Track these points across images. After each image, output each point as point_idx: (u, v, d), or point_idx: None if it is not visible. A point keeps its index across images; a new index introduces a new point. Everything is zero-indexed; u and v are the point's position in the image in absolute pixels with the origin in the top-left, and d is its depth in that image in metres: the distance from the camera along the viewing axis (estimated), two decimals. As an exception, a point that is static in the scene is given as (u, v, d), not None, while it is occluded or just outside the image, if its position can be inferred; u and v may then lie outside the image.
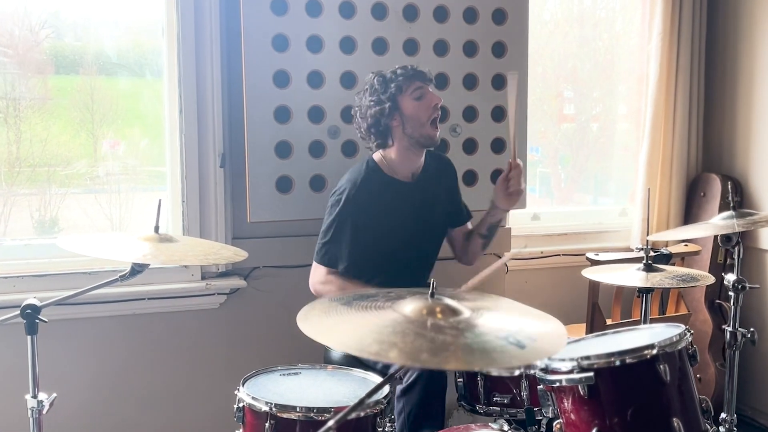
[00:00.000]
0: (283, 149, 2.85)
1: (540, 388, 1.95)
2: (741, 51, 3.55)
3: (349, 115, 2.93)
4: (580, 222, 3.72)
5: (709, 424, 1.90)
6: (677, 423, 1.80)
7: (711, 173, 3.62)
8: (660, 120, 3.54)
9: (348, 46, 2.89)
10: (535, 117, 3.71)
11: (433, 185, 2.63)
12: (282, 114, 2.83)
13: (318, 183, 2.90)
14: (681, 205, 3.63)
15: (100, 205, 2.98)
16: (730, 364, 2.37)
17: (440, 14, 3.01)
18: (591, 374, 1.81)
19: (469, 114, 3.09)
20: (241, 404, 2.00)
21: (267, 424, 1.90)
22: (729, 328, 2.37)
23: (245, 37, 2.76)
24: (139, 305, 2.83)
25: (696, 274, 2.44)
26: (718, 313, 3.54)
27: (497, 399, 2.16)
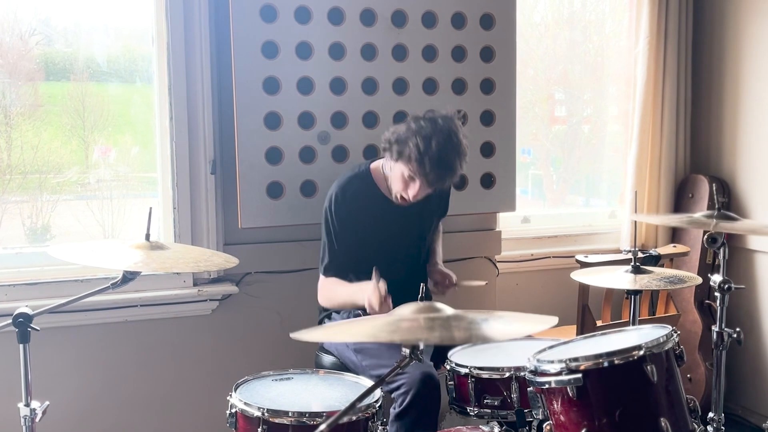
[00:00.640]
0: (273, 155, 2.86)
1: (530, 390, 1.98)
2: (727, 53, 3.59)
3: (339, 120, 2.95)
4: (570, 224, 3.75)
5: (696, 423, 1.93)
6: (665, 423, 1.82)
7: (699, 174, 3.65)
8: (648, 122, 3.57)
9: (337, 52, 2.91)
10: (527, 119, 3.74)
11: (424, 202, 2.57)
12: (272, 120, 2.85)
13: (309, 189, 2.91)
14: (669, 206, 3.66)
15: (92, 212, 2.98)
16: (717, 364, 2.39)
17: (428, 20, 3.03)
18: (579, 375, 1.83)
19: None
20: (233, 410, 2.02)
21: (260, 429, 1.92)
22: (715, 328, 2.39)
23: (235, 44, 2.78)
24: (131, 312, 2.84)
25: (683, 276, 2.47)
26: (707, 313, 3.57)
27: (488, 401, 2.18)
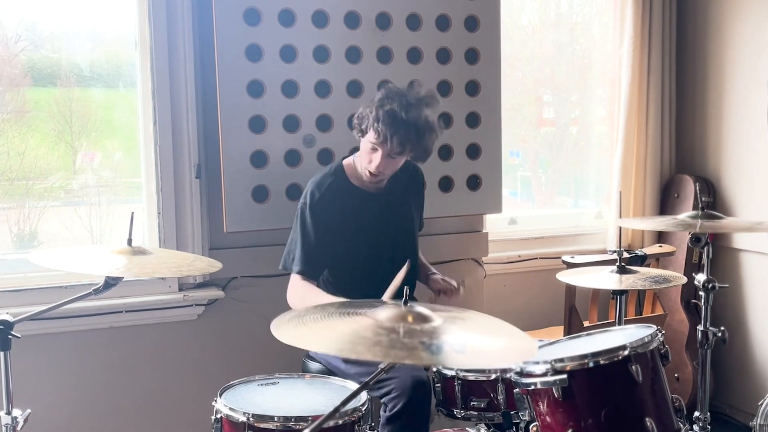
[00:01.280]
0: (258, 159, 2.85)
1: (516, 392, 1.98)
2: (710, 53, 3.61)
3: (324, 123, 2.95)
4: (557, 225, 3.76)
5: (682, 422, 1.93)
6: (650, 423, 1.83)
7: (684, 174, 3.67)
8: (633, 123, 3.59)
9: (322, 55, 2.91)
10: (515, 121, 3.75)
11: (400, 194, 2.63)
12: (257, 124, 2.84)
13: (294, 192, 2.90)
14: (655, 206, 3.68)
15: (80, 218, 2.96)
16: (702, 363, 2.40)
17: (413, 22, 3.03)
18: (564, 376, 1.83)
19: (444, 120, 3.10)
20: (218, 415, 2.00)
21: (244, 434, 1.91)
22: (700, 327, 2.40)
23: (218, 47, 2.77)
24: (116, 318, 2.82)
25: (668, 275, 2.48)
26: (694, 313, 3.58)
27: (474, 403, 2.18)
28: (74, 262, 1.91)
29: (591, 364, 1.84)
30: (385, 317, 1.48)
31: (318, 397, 2.09)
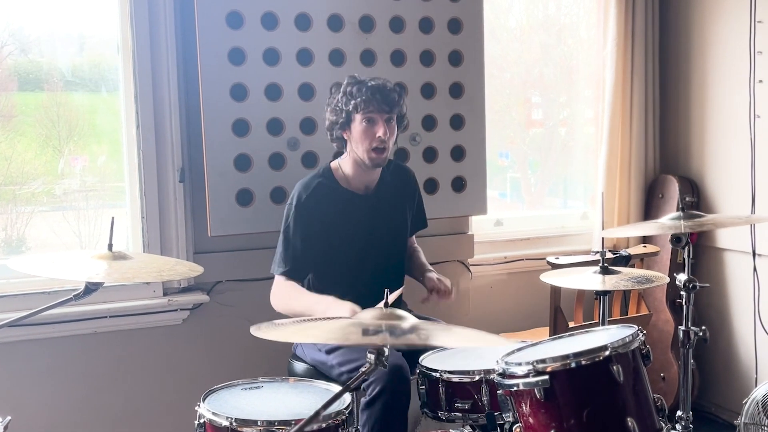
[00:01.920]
0: (242, 162, 2.85)
1: (499, 393, 1.98)
2: (693, 54, 3.63)
3: (309, 126, 2.95)
4: (543, 226, 3.77)
5: (663, 422, 1.94)
6: (632, 422, 1.84)
7: (668, 175, 3.69)
8: (617, 124, 3.60)
9: (305, 58, 2.91)
10: (504, 122, 3.76)
11: (391, 197, 2.64)
12: (240, 127, 2.84)
13: (278, 195, 2.90)
14: (640, 206, 3.69)
15: (68, 223, 2.94)
16: (684, 362, 2.41)
17: (396, 25, 3.04)
18: (546, 377, 1.84)
19: (428, 123, 3.12)
20: (201, 420, 1.99)
21: (228, 439, 1.90)
22: (682, 327, 2.41)
23: (201, 51, 2.76)
24: (99, 323, 2.80)
25: (651, 276, 2.49)
26: (679, 312, 3.58)
27: (458, 405, 2.18)
28: (54, 268, 1.90)
29: (572, 365, 1.84)
30: (367, 317, 1.52)
31: (302, 401, 2.08)
